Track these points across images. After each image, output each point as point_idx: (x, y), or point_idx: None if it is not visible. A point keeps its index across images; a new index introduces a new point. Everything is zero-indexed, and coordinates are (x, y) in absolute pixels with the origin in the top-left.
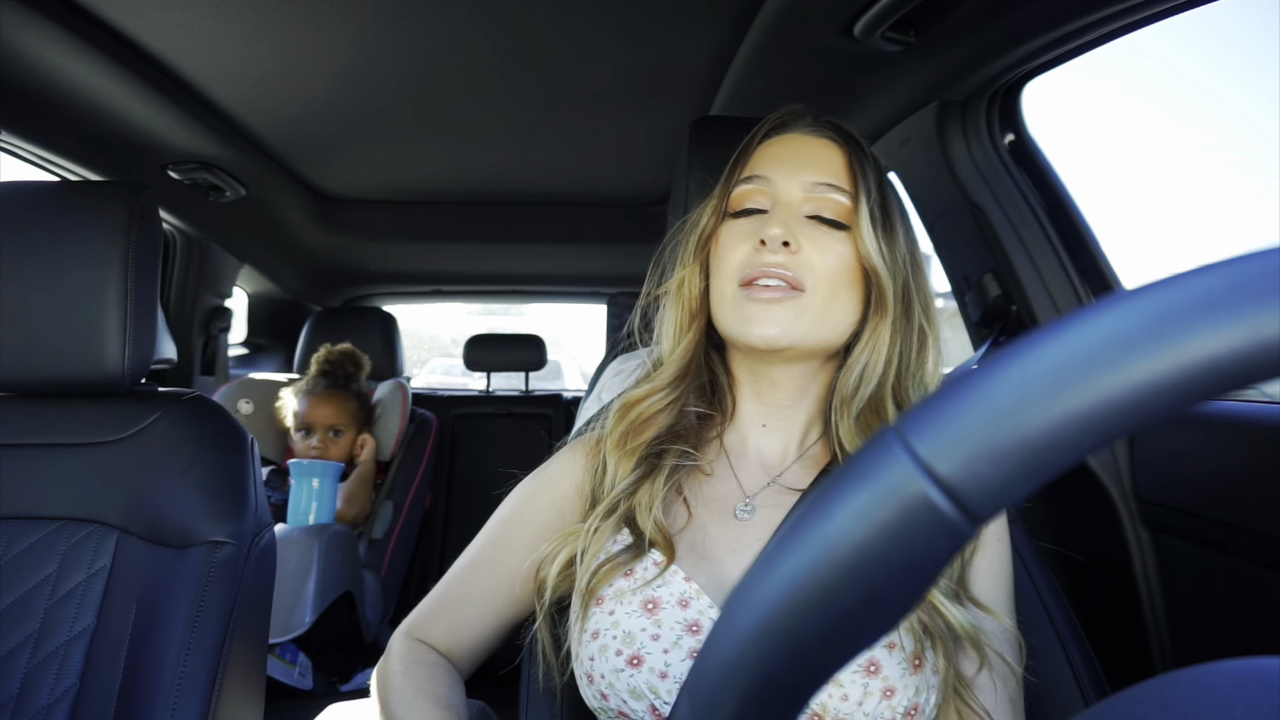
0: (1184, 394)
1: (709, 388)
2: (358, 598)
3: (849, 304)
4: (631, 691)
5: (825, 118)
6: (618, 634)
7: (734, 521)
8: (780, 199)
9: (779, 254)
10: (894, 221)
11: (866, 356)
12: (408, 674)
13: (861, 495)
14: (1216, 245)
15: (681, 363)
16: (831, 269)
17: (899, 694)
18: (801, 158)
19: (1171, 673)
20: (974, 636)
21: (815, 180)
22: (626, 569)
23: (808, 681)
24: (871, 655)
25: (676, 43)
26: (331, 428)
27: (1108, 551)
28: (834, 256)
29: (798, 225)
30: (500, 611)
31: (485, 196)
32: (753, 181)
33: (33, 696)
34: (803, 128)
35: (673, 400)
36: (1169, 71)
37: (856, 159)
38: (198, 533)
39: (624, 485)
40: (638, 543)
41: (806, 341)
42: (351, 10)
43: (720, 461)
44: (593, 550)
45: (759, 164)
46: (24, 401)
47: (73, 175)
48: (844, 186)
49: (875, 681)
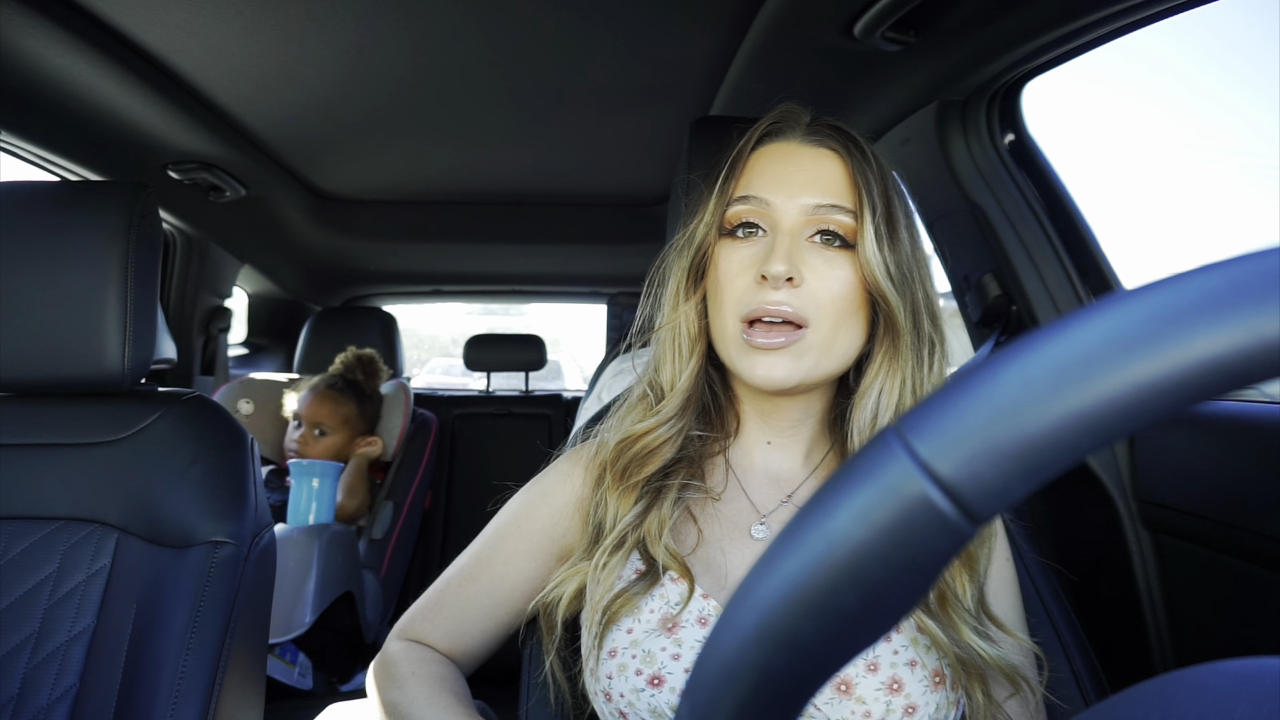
0: (1184, 394)
1: (710, 408)
2: (358, 598)
3: (854, 330)
4: (652, 711)
5: (824, 119)
6: (637, 653)
7: (750, 541)
8: (780, 224)
9: (781, 290)
10: (898, 229)
11: (880, 384)
12: (419, 673)
13: (861, 495)
14: (1216, 245)
15: (685, 395)
16: (836, 297)
17: (920, 711)
18: (801, 176)
19: (1172, 673)
20: (1010, 673)
21: (817, 202)
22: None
23: (808, 682)
24: (895, 674)
25: (676, 43)
26: (316, 426)
27: (1108, 552)
28: (838, 283)
29: (799, 253)
30: (499, 620)
31: (485, 196)
32: (749, 202)
33: (33, 696)
34: (799, 135)
35: (678, 431)
36: (1168, 72)
37: (860, 170)
38: (198, 533)
39: (630, 518)
40: (651, 570)
41: (813, 378)
42: (351, 10)
43: (729, 480)
44: (605, 585)
45: (754, 180)
46: (24, 401)
47: (73, 175)
48: (847, 206)
49: (898, 699)
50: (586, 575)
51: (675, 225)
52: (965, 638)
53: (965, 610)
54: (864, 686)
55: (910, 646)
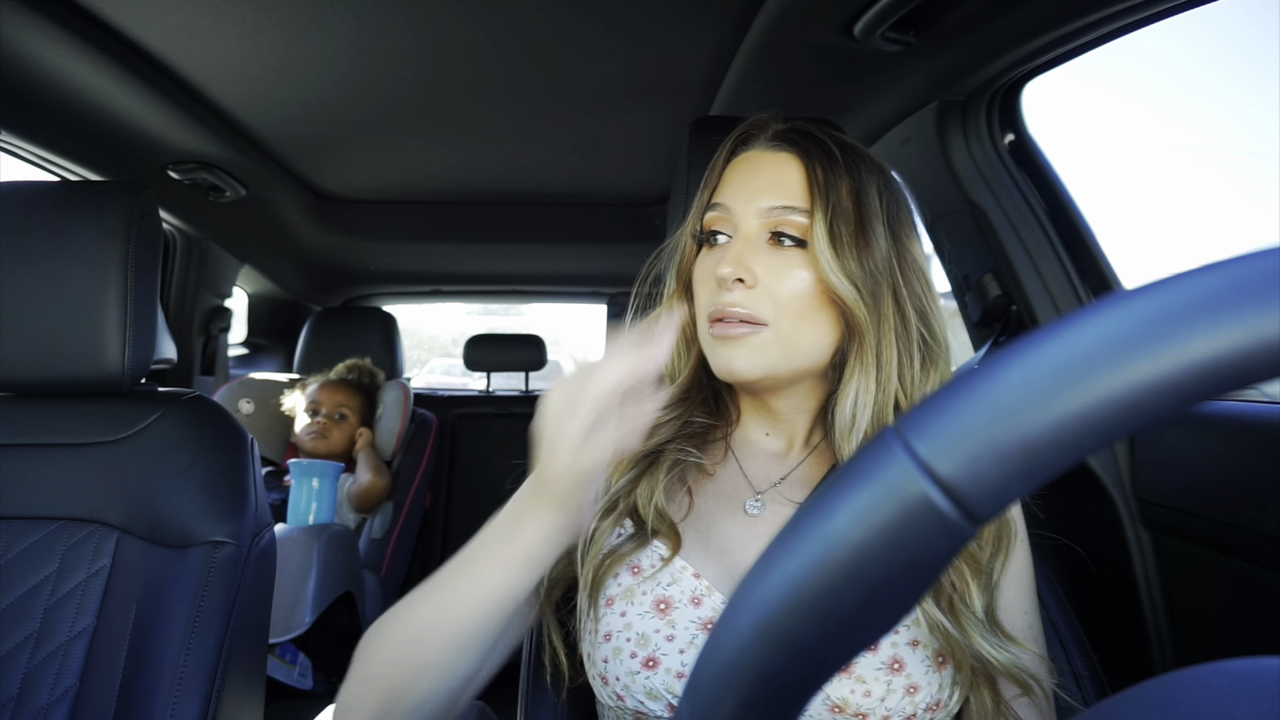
0: (1184, 394)
1: (712, 400)
2: (358, 598)
3: (820, 326)
4: (648, 693)
5: (794, 124)
6: (631, 636)
7: (744, 516)
8: (739, 229)
9: (735, 291)
10: (867, 227)
11: (856, 381)
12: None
13: (861, 495)
14: (1216, 245)
15: (684, 388)
16: (792, 294)
17: (922, 691)
18: (759, 181)
19: (1173, 672)
20: (1020, 677)
21: (770, 205)
22: (632, 561)
23: (808, 682)
24: (896, 653)
25: (676, 43)
26: (339, 409)
27: (1108, 552)
28: (794, 281)
29: (753, 255)
30: None
31: (485, 196)
32: (716, 209)
33: (33, 696)
34: (763, 143)
35: (675, 416)
36: (1168, 72)
37: (817, 172)
38: (198, 533)
39: (622, 483)
40: (640, 532)
41: (780, 371)
42: (352, 10)
43: (727, 458)
44: (595, 546)
45: (723, 188)
46: (24, 401)
47: (73, 175)
48: (801, 206)
49: (899, 679)
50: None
51: (675, 225)
52: (975, 643)
53: (976, 619)
54: (864, 666)
55: (912, 627)
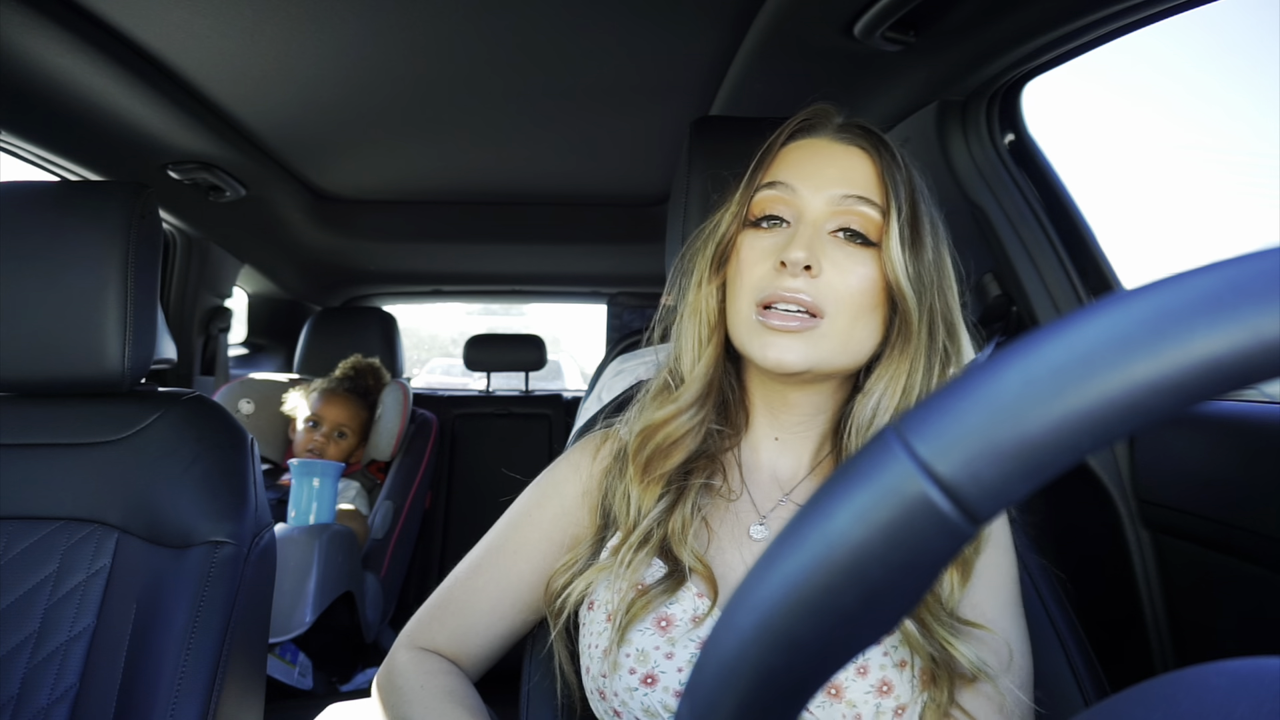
0: (1184, 394)
1: (727, 403)
2: (358, 598)
3: (871, 327)
4: (645, 710)
5: (855, 120)
6: (631, 652)
7: (749, 541)
8: (804, 213)
9: (799, 278)
10: (922, 233)
11: (885, 385)
12: (428, 686)
13: (861, 495)
14: (1216, 245)
15: (704, 380)
16: (854, 292)
17: (910, 710)
18: (830, 169)
19: (1173, 672)
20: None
21: (844, 193)
22: (661, 612)
23: (807, 682)
24: (884, 675)
25: (676, 43)
26: (339, 428)
27: (1108, 551)
28: (857, 279)
29: (821, 244)
30: (508, 618)
31: (485, 196)
32: (775, 188)
33: (33, 696)
34: (830, 132)
35: (699, 422)
36: (1168, 72)
37: (889, 170)
38: (198, 533)
39: (656, 514)
40: (676, 572)
41: (826, 366)
42: (352, 10)
43: (734, 476)
44: (627, 581)
45: (782, 168)
46: (24, 401)
47: (73, 175)
48: (875, 200)
49: (888, 701)
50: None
51: (675, 225)
52: (938, 635)
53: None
54: (854, 690)
55: (900, 647)
